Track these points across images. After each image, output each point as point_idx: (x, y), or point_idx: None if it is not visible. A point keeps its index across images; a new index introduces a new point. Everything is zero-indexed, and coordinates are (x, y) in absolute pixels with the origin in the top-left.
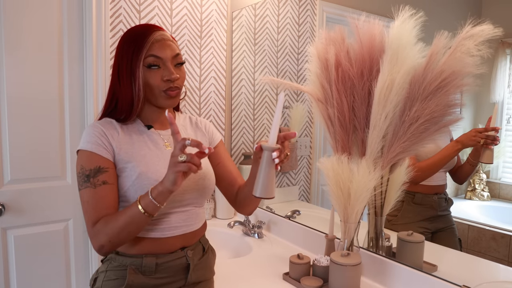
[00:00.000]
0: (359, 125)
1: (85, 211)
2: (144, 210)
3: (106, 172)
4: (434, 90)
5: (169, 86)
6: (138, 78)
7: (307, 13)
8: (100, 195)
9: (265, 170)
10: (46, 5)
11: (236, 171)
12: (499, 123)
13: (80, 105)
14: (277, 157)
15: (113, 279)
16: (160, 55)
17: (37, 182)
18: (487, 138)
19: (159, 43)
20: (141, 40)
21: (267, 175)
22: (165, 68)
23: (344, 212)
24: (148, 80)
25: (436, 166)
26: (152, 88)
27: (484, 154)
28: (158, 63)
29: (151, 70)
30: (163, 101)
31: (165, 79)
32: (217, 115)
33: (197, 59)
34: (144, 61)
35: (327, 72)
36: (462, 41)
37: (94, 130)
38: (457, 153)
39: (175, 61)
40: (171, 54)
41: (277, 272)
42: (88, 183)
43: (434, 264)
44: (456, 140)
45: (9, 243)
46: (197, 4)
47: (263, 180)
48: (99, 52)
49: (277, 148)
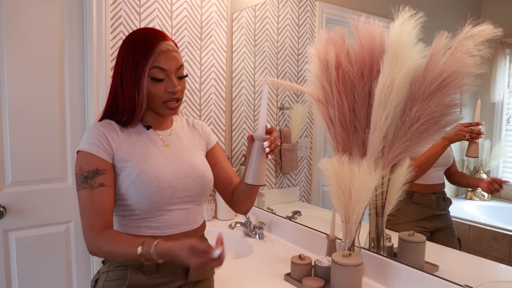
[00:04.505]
0: (360, 126)
1: (82, 212)
2: (142, 254)
3: (103, 174)
4: (435, 90)
5: (170, 98)
6: (142, 88)
7: (306, 14)
8: (97, 197)
9: (256, 158)
10: (47, 7)
11: (232, 172)
12: (499, 123)
13: (81, 107)
14: (268, 146)
15: (115, 279)
16: (165, 67)
17: (38, 184)
18: (471, 132)
19: (165, 55)
20: (147, 50)
21: (258, 164)
22: (169, 80)
23: (345, 212)
24: (152, 90)
25: (427, 164)
26: (154, 98)
27: (470, 149)
28: (163, 75)
29: (155, 81)
30: (163, 111)
31: (169, 90)
32: (217, 116)
33: (197, 60)
34: (149, 72)
35: (328, 73)
36: (462, 41)
37: (94, 132)
38: (445, 148)
39: (178, 73)
40: (176, 66)
41: (278, 272)
42: (85, 184)
43: (436, 264)
44: (443, 136)
45: (10, 245)
46: (197, 5)
47: (254, 168)
48: (99, 54)
49: (267, 138)
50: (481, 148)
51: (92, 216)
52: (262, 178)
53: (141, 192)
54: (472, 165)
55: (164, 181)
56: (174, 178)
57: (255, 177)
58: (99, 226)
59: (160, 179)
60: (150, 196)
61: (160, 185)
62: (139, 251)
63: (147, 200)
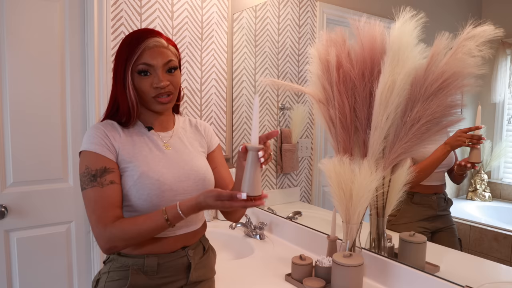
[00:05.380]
0: (361, 126)
1: (93, 210)
2: (170, 221)
3: (112, 172)
4: (436, 91)
5: (159, 93)
6: (129, 83)
7: (307, 15)
8: (108, 194)
9: (251, 169)
10: (48, 8)
11: (228, 178)
12: (500, 123)
13: (82, 107)
14: (262, 156)
15: (116, 279)
16: (150, 63)
17: (39, 185)
18: (472, 138)
19: (151, 51)
20: (134, 47)
21: (254, 174)
22: (155, 76)
23: (346, 213)
24: (140, 86)
25: (430, 169)
26: (143, 94)
27: (471, 154)
28: (149, 70)
29: (142, 76)
30: (155, 106)
31: (154, 86)
32: (218, 116)
33: (198, 61)
34: (135, 67)
35: (328, 73)
36: (463, 42)
37: (96, 132)
38: (447, 154)
39: (167, 67)
40: (162, 61)
41: (279, 273)
42: (95, 182)
43: (436, 265)
44: (445, 142)
45: (11, 245)
46: (198, 6)
47: (249, 179)
48: (100, 54)
49: (261, 148)
50: (482, 149)
51: (104, 212)
52: (258, 189)
53: (142, 194)
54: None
55: (165, 183)
56: (176, 181)
57: (250, 187)
58: (112, 220)
59: (161, 181)
60: (151, 198)
61: (161, 188)
62: (166, 217)
63: (148, 202)
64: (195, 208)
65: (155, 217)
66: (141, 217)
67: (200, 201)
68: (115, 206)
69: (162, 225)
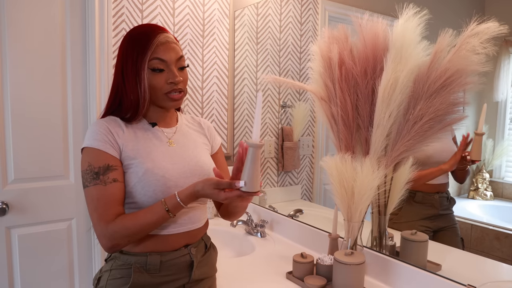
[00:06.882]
0: (363, 124)
1: (95, 208)
2: (170, 211)
3: (115, 170)
4: (439, 88)
5: (172, 89)
6: (143, 80)
7: (309, 12)
8: (110, 192)
9: (251, 165)
10: (49, 5)
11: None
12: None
13: (83, 104)
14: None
15: (118, 277)
16: (164, 58)
17: (40, 182)
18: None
19: (164, 46)
20: (146, 42)
21: (253, 170)
22: (169, 71)
23: (348, 211)
24: (153, 82)
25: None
26: (156, 90)
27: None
28: (163, 66)
29: (156, 72)
30: (166, 103)
31: (169, 81)
32: (219, 114)
33: (200, 58)
34: (148, 63)
35: (331, 70)
36: (467, 39)
37: (99, 128)
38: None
39: (178, 64)
40: (175, 56)
41: (280, 271)
42: (97, 180)
43: (438, 263)
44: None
45: (13, 242)
46: (199, 3)
47: (248, 175)
48: (102, 51)
49: (262, 145)
50: (483, 147)
51: (106, 210)
52: (257, 185)
53: (148, 191)
54: (474, 164)
55: (170, 180)
56: (181, 177)
57: (250, 184)
58: (113, 218)
59: (166, 177)
60: (156, 195)
61: (167, 184)
62: (166, 208)
63: (153, 198)
64: (193, 196)
65: (155, 210)
66: (141, 212)
67: (198, 189)
68: (117, 204)
69: (164, 216)
